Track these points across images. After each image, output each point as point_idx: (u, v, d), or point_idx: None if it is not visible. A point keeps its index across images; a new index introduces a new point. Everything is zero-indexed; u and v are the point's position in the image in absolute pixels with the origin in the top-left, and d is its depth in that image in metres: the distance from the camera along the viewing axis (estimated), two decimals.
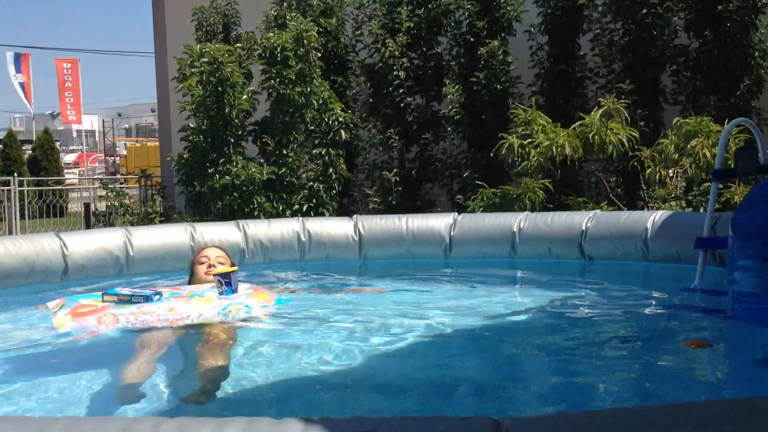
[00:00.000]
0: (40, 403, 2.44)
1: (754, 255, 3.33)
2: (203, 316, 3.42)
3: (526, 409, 2.36)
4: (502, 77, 8.89)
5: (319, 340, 3.24)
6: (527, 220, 5.57)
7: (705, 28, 8.16)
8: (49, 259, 4.79)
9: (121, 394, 2.53)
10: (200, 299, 3.53)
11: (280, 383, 2.63)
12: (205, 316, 3.42)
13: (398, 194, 9.22)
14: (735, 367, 2.97)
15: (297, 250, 5.63)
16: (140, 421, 1.26)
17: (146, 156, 26.41)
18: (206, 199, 8.18)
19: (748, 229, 3.36)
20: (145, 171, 13.06)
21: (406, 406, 2.43)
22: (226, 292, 3.57)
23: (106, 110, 49.30)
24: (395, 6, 9.58)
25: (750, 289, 3.32)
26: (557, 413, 1.44)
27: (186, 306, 3.45)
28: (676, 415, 1.47)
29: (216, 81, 7.97)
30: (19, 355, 3.05)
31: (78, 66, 27.42)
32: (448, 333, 3.33)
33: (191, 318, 3.40)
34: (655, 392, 2.54)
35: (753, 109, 8.01)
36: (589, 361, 2.93)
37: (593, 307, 4.02)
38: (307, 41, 8.39)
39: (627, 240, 5.21)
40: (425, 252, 5.69)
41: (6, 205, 12.02)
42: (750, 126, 4.47)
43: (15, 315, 3.81)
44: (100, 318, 3.31)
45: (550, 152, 6.90)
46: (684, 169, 6.87)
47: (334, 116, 8.61)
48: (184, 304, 3.46)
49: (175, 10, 12.54)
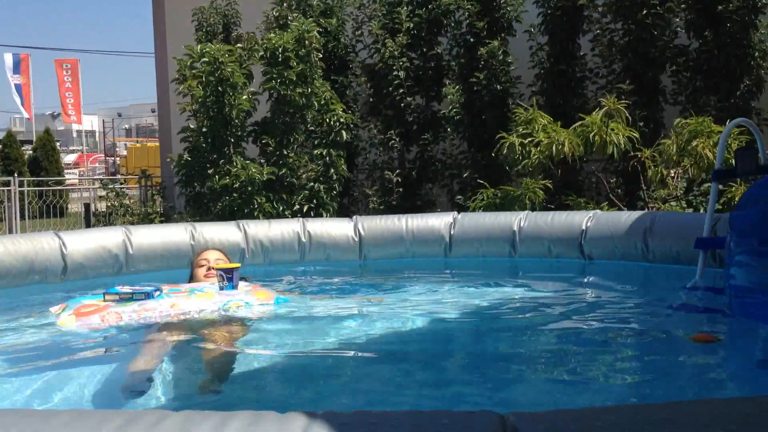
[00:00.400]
0: (46, 399, 2.45)
1: (750, 251, 3.36)
2: (204, 312, 3.48)
3: (529, 406, 2.36)
4: (502, 77, 8.89)
5: (319, 338, 3.25)
6: (527, 220, 5.57)
7: (705, 29, 8.17)
8: (48, 258, 4.78)
9: (129, 382, 2.57)
10: (201, 295, 3.59)
11: (283, 378, 2.63)
12: (205, 311, 3.49)
13: (398, 194, 9.22)
14: (735, 365, 2.97)
15: (297, 250, 5.63)
16: (143, 415, 1.26)
17: (146, 156, 26.40)
18: (206, 199, 8.17)
19: (744, 226, 3.39)
20: (146, 171, 13.06)
21: (410, 401, 2.43)
22: (227, 287, 3.63)
23: (106, 110, 49.30)
24: (395, 6, 9.59)
25: (745, 284, 3.35)
26: (561, 409, 1.44)
27: (187, 302, 3.52)
28: (679, 412, 1.47)
29: (216, 81, 7.96)
30: (24, 354, 3.05)
31: (78, 66, 27.39)
32: (449, 331, 3.33)
33: (192, 313, 3.46)
34: (655, 390, 2.54)
35: (753, 109, 8.01)
36: (589, 359, 2.93)
37: (593, 307, 4.02)
38: (309, 42, 8.38)
39: (627, 240, 5.21)
40: (425, 252, 5.69)
41: (6, 205, 12.02)
42: (750, 126, 4.47)
43: (17, 315, 3.80)
44: (103, 316, 3.37)
45: (551, 151, 6.90)
46: (684, 170, 6.87)
47: (335, 117, 8.60)
48: (185, 300, 3.53)
49: (175, 10, 12.53)
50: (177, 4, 12.43)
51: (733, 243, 3.41)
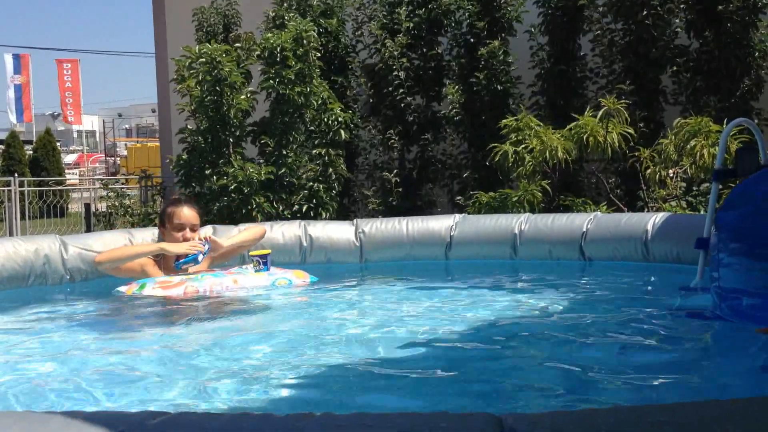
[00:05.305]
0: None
1: (736, 252, 3.37)
2: (257, 287, 4.30)
3: (528, 408, 2.36)
4: (503, 77, 8.89)
5: (320, 339, 3.24)
6: (528, 222, 5.57)
7: (705, 29, 8.17)
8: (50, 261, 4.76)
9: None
10: (254, 274, 4.40)
11: (281, 381, 2.63)
12: (259, 287, 4.31)
13: (398, 195, 9.22)
14: (735, 366, 2.97)
15: (298, 253, 5.61)
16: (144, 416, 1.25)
17: (147, 156, 26.43)
18: (205, 199, 8.16)
19: (730, 226, 3.40)
20: (146, 171, 13.07)
21: (408, 403, 2.43)
22: (263, 269, 4.39)
23: (106, 110, 49.32)
24: (395, 6, 9.59)
25: (732, 285, 3.36)
26: (559, 411, 1.44)
27: (246, 278, 4.33)
28: (677, 413, 1.47)
29: (213, 80, 7.96)
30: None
31: (78, 66, 27.44)
32: (449, 333, 3.33)
33: (248, 289, 4.26)
34: (655, 391, 2.54)
35: (753, 110, 8.01)
36: (589, 360, 2.93)
37: (593, 308, 4.01)
38: (307, 41, 8.38)
39: (627, 241, 5.21)
40: (426, 254, 5.68)
41: (6, 205, 12.02)
42: (750, 126, 4.46)
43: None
44: (185, 290, 4.12)
45: (544, 156, 6.91)
46: (684, 170, 6.87)
47: (334, 116, 8.60)
48: (244, 277, 4.34)
49: (175, 10, 12.54)
50: (177, 4, 12.44)
51: (721, 244, 3.41)
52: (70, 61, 27.64)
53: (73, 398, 2.44)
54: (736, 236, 3.39)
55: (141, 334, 3.52)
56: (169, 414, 1.29)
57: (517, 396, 2.52)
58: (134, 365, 2.86)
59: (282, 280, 4.39)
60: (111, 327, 3.70)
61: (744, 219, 3.36)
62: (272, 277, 4.38)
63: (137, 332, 3.56)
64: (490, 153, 7.49)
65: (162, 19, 13.00)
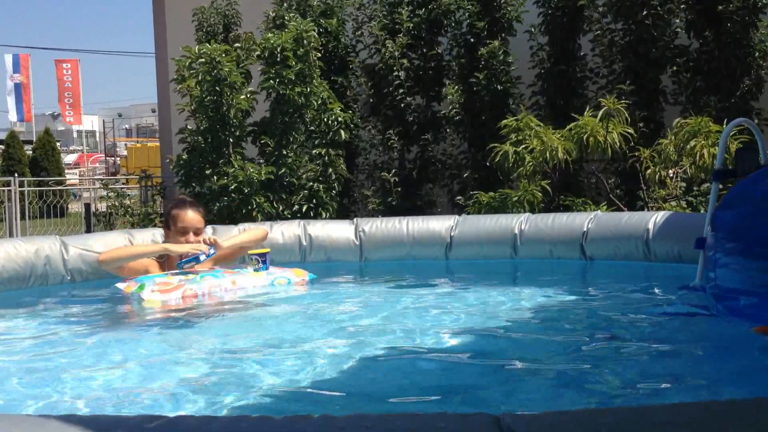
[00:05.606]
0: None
1: (734, 251, 3.37)
2: (257, 287, 4.27)
3: (527, 408, 2.35)
4: (503, 77, 8.89)
5: (319, 339, 3.24)
6: (528, 222, 5.57)
7: (705, 29, 8.16)
8: (51, 262, 4.76)
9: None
10: (253, 274, 4.36)
11: (282, 382, 2.63)
12: (258, 286, 4.29)
13: (398, 195, 9.22)
14: (734, 365, 2.96)
15: (298, 253, 5.61)
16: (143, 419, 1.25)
17: (147, 156, 26.43)
18: (205, 199, 8.16)
19: (727, 226, 3.40)
20: (146, 171, 13.06)
21: (407, 404, 2.42)
22: (262, 268, 4.37)
23: (106, 111, 49.32)
24: (395, 6, 9.58)
25: (729, 284, 3.36)
26: (558, 411, 1.44)
27: (245, 279, 4.29)
28: (676, 414, 1.47)
29: (213, 80, 7.95)
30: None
31: (78, 66, 27.44)
32: (448, 332, 3.32)
33: (247, 289, 4.22)
34: (654, 391, 2.53)
35: (753, 110, 8.01)
36: (589, 361, 2.93)
37: (594, 308, 4.01)
38: (307, 41, 8.38)
39: (628, 240, 5.20)
40: (426, 254, 5.68)
41: (6, 205, 12.03)
42: (750, 126, 4.46)
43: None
44: (184, 293, 4.04)
45: (545, 157, 6.91)
46: (684, 170, 6.87)
47: (334, 116, 8.60)
48: (242, 277, 4.28)
49: (175, 10, 12.54)
50: (177, 4, 12.43)
51: (717, 244, 3.41)
52: (70, 61, 27.63)
53: (71, 401, 2.44)
54: (734, 236, 3.39)
55: (140, 335, 3.52)
56: (167, 417, 1.29)
57: (516, 396, 2.52)
58: (133, 367, 2.85)
59: (281, 279, 4.40)
60: (111, 328, 3.70)
61: (742, 219, 3.37)
62: (271, 277, 4.38)
63: (136, 334, 3.56)
64: (490, 153, 7.49)
65: (162, 19, 13.00)
